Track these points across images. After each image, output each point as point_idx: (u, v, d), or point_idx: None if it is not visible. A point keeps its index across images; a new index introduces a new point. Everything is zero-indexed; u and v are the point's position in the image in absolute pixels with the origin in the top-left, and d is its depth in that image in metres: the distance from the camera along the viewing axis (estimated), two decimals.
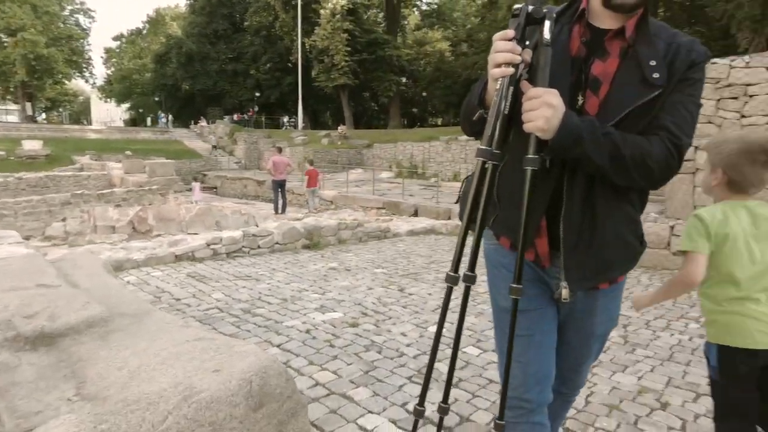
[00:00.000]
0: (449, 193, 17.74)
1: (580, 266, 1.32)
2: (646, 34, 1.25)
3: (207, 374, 1.55)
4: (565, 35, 1.31)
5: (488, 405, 2.55)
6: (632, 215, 1.35)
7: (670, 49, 1.24)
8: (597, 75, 1.26)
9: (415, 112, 44.08)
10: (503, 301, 1.44)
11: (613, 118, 1.21)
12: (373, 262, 6.22)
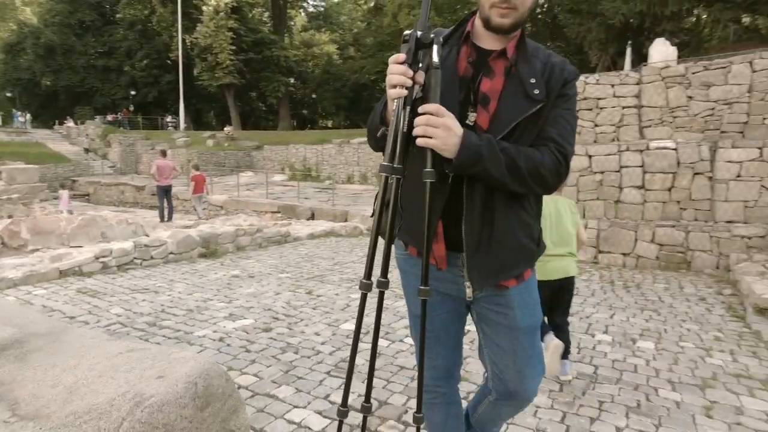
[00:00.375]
0: (344, 195, 18.08)
1: (481, 267, 1.42)
2: (525, 55, 1.38)
3: (152, 381, 1.63)
4: (454, 56, 1.41)
5: (402, 389, 2.85)
6: (527, 220, 1.46)
7: (546, 68, 1.38)
8: (486, 92, 1.38)
9: (305, 114, 43.83)
10: (410, 304, 1.61)
11: (503, 131, 1.33)
12: (276, 268, 6.27)
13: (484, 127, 1.36)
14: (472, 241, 1.40)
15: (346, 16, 41.24)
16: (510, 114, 1.34)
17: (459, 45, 1.41)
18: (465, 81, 1.38)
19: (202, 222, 10.68)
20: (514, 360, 1.54)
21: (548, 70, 1.38)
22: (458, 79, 1.37)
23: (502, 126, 1.33)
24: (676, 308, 4.74)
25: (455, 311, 1.58)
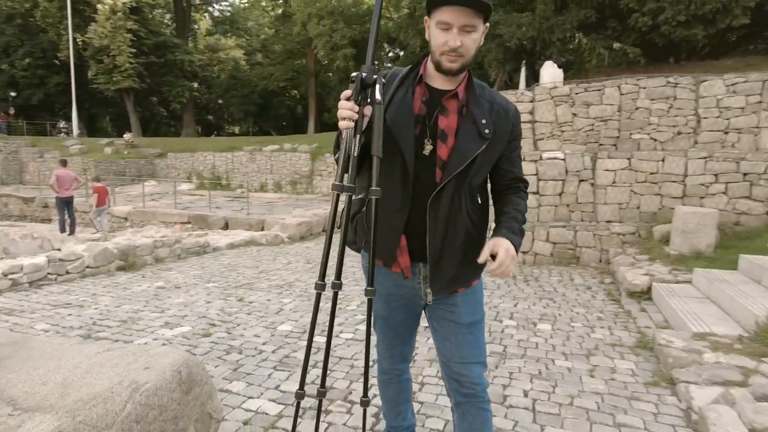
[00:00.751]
0: (258, 204, 17.87)
1: (440, 277, 1.65)
2: (474, 96, 1.60)
3: (141, 372, 1.87)
4: (410, 95, 1.60)
5: (344, 375, 3.20)
6: (479, 240, 1.68)
7: (492, 108, 1.61)
8: (443, 128, 1.58)
9: (210, 120, 42.31)
10: (379, 309, 1.84)
11: (463, 163, 1.55)
12: (201, 278, 6.29)
13: (444, 158, 1.58)
14: (434, 254, 1.61)
15: (253, 22, 40.52)
16: (467, 150, 1.56)
17: (414, 86, 1.61)
18: (420, 118, 1.59)
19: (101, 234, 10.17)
20: (458, 349, 1.75)
21: (495, 111, 1.61)
22: (414, 117, 1.57)
23: (461, 160, 1.55)
24: (568, 296, 5.56)
25: (413, 312, 1.84)
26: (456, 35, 1.46)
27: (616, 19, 9.35)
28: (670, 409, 2.81)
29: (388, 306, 1.82)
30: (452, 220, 1.60)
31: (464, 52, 1.50)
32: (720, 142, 7.50)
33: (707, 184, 7.25)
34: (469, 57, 1.53)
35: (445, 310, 1.75)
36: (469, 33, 1.49)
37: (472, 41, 1.51)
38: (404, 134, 1.54)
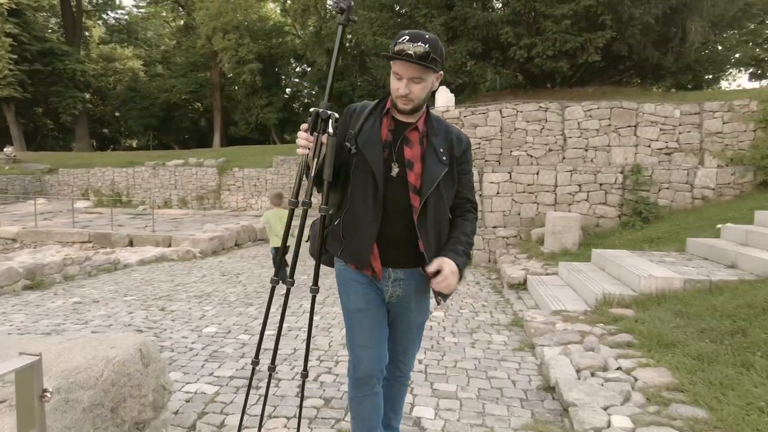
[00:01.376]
0: (163, 220, 17.40)
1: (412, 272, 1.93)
2: (432, 128, 1.85)
3: (109, 350, 2.30)
4: (378, 124, 1.83)
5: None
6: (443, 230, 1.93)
7: (448, 138, 1.87)
8: (409, 158, 1.81)
9: (106, 133, 39.74)
10: (350, 304, 1.97)
11: (432, 184, 1.79)
12: (117, 292, 6.38)
13: (416, 183, 1.82)
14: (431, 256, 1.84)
15: (152, 33, 38.90)
16: (433, 175, 1.81)
17: (381, 116, 1.86)
18: (387, 143, 1.83)
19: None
20: (403, 342, 2.06)
21: (449, 141, 1.87)
22: (382, 142, 1.82)
23: (430, 183, 1.80)
24: (459, 290, 6.47)
25: (382, 312, 1.99)
26: (405, 84, 1.72)
27: (498, 51, 10.73)
28: (529, 365, 3.68)
29: (366, 298, 1.93)
30: (438, 232, 1.87)
31: (413, 98, 1.75)
32: (582, 158, 8.99)
33: (573, 193, 8.66)
34: (419, 101, 1.78)
35: (402, 309, 1.99)
36: (418, 83, 1.73)
37: (420, 89, 1.75)
38: (374, 157, 1.78)
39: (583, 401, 2.77)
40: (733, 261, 5.14)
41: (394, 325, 2.03)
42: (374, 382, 1.97)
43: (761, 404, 2.56)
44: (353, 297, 1.95)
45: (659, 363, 3.26)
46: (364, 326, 1.95)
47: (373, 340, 1.94)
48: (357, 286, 1.94)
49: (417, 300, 1.99)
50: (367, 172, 1.78)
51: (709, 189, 8.39)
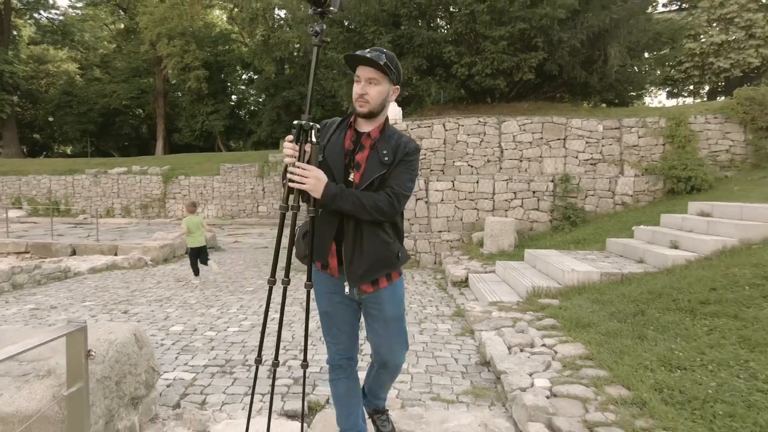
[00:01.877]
0: (107, 230, 16.97)
1: (353, 272, 2.00)
2: (384, 136, 2.02)
3: (108, 334, 2.63)
4: (342, 136, 2.04)
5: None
6: (386, 240, 2.03)
7: (396, 144, 2.01)
8: (358, 160, 2.00)
9: (37, 139, 37.67)
10: (320, 306, 2.16)
11: (365, 183, 1.95)
12: (73, 299, 6.45)
13: (356, 182, 1.98)
14: (347, 255, 2.00)
15: (90, 35, 37.38)
16: (371, 173, 1.97)
17: (346, 129, 2.07)
18: (348, 152, 2.03)
19: None
20: (386, 339, 2.15)
21: (397, 146, 2.01)
22: (344, 151, 2.03)
23: (365, 180, 1.97)
24: (409, 289, 7.02)
25: (349, 307, 2.15)
26: (363, 86, 1.92)
27: (442, 68, 11.47)
28: (469, 347, 4.25)
29: (330, 302, 2.14)
30: (359, 229, 1.99)
31: (369, 99, 1.93)
32: (517, 168, 9.83)
33: (509, 200, 9.46)
34: (375, 103, 1.95)
35: (374, 307, 2.11)
36: (374, 85, 1.92)
37: (376, 92, 1.93)
38: (336, 163, 2.00)
39: (512, 369, 3.35)
40: (641, 257, 5.99)
41: (371, 322, 2.15)
42: (345, 369, 2.19)
43: (647, 363, 3.23)
44: (320, 300, 2.16)
45: (576, 340, 3.91)
46: (330, 326, 2.17)
47: (336, 338, 2.17)
48: (323, 289, 2.13)
49: (386, 296, 2.10)
50: (330, 178, 1.93)
51: (628, 196, 9.44)
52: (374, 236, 2.00)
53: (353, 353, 2.22)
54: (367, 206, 1.91)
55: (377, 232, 2.01)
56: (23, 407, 2.03)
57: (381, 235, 2.02)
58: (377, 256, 2.01)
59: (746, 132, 9.62)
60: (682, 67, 21.79)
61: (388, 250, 2.04)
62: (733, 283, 4.34)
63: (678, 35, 13.38)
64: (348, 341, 2.18)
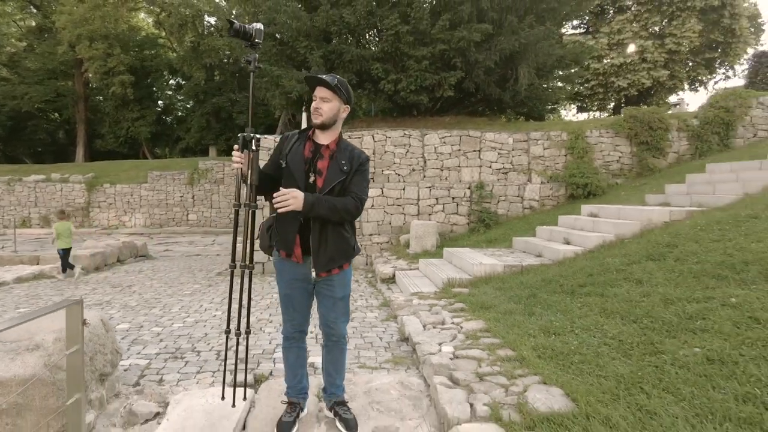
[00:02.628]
0: (24, 240, 16.21)
1: (320, 261, 2.45)
2: (341, 148, 2.45)
3: (82, 318, 3.03)
4: (302, 146, 2.44)
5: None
6: (345, 235, 2.49)
7: (351, 155, 2.44)
8: (320, 168, 2.39)
9: None
10: (281, 288, 2.61)
11: (328, 187, 2.37)
12: (5, 306, 6.49)
13: (320, 186, 2.40)
14: (315, 247, 2.45)
15: None
16: (333, 179, 2.39)
17: (305, 140, 2.48)
18: (308, 160, 2.43)
19: None
20: (333, 313, 2.63)
21: (352, 156, 2.45)
22: (304, 159, 2.43)
23: (328, 185, 2.38)
24: None
25: (305, 289, 2.61)
26: (318, 102, 2.39)
27: (370, 83, 12.25)
28: (392, 329, 4.96)
29: (290, 285, 2.59)
30: (325, 227, 2.44)
31: (322, 112, 2.38)
32: (438, 177, 10.77)
33: (432, 205, 10.37)
34: (327, 117, 2.39)
35: (326, 288, 2.58)
36: (326, 102, 2.38)
37: (328, 108, 2.39)
38: (297, 170, 2.40)
39: (425, 341, 4.08)
40: (540, 252, 7.02)
41: (322, 300, 2.60)
42: (297, 339, 2.70)
43: (531, 332, 4.08)
44: (282, 283, 2.60)
45: (479, 318, 4.73)
46: (288, 305, 2.62)
47: (292, 315, 2.64)
48: (286, 274, 2.57)
49: (337, 281, 2.55)
50: (293, 180, 2.38)
51: (534, 200, 10.65)
52: (336, 232, 2.45)
53: (305, 327, 2.70)
54: (340, 209, 2.35)
55: (339, 229, 2.45)
56: (20, 373, 2.46)
57: (342, 231, 2.47)
58: (338, 248, 2.47)
59: (632, 145, 11.17)
60: (589, 85, 24.15)
61: (347, 243, 2.51)
62: (605, 269, 5.37)
63: (581, 57, 15.07)
64: (301, 317, 2.65)
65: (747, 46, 25.80)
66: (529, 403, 2.76)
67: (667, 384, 2.80)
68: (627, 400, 2.71)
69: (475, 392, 2.98)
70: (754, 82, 14.16)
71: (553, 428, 2.53)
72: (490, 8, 11.46)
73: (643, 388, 2.82)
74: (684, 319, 3.66)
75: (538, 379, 3.11)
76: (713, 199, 6.96)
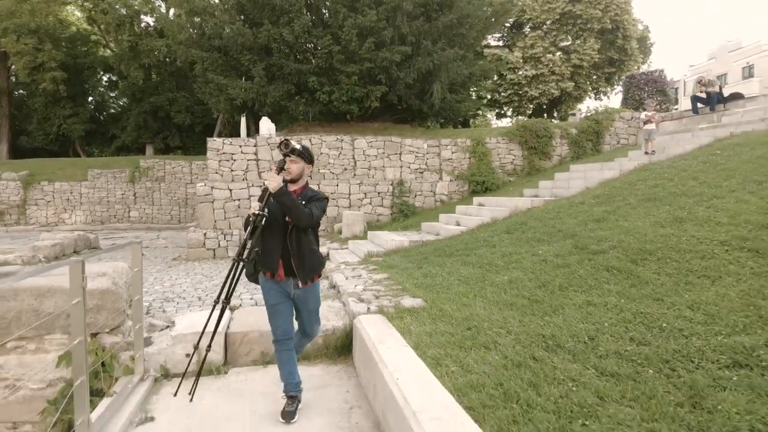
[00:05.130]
0: None
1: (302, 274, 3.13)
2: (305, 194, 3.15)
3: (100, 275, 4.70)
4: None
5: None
6: (314, 249, 3.20)
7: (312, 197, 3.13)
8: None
9: None
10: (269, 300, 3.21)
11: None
12: None
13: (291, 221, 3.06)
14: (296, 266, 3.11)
15: None
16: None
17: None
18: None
19: None
20: (309, 321, 3.38)
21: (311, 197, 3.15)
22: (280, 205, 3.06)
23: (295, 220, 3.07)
24: None
25: (288, 302, 3.24)
26: (288, 164, 3.08)
27: (307, 93, 14.04)
28: (324, 284, 6.87)
29: (277, 300, 3.19)
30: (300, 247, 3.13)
31: (291, 171, 3.10)
32: (366, 175, 12.78)
33: (361, 199, 12.36)
34: (295, 174, 3.11)
35: (301, 302, 3.25)
36: (295, 163, 3.10)
37: (296, 168, 3.11)
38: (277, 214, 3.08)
39: (345, 285, 6.03)
40: (438, 231, 9.20)
41: (301, 312, 3.29)
42: (285, 343, 3.25)
43: (416, 276, 6.14)
44: (270, 297, 3.20)
45: (385, 272, 6.74)
46: (277, 314, 3.20)
47: (281, 321, 3.22)
48: (272, 291, 3.19)
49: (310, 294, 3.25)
50: (273, 222, 3.06)
51: (444, 195, 12.93)
52: (308, 249, 3.14)
53: (291, 333, 3.30)
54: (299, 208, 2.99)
55: (309, 245, 3.15)
56: (98, 287, 4.12)
57: (312, 246, 3.18)
58: (312, 263, 3.18)
59: (523, 149, 13.74)
60: (506, 94, 27.16)
61: (317, 257, 3.24)
62: (476, 240, 7.59)
63: (489, 74, 17.65)
64: (287, 324, 3.26)
65: (636, 63, 30.01)
66: (401, 304, 4.79)
67: (482, 294, 4.93)
68: (456, 301, 4.80)
69: (372, 303, 4.97)
70: (626, 99, 17.34)
71: (411, 313, 4.55)
72: (409, 33, 13.62)
73: (468, 297, 4.93)
74: (508, 263, 5.88)
75: (410, 296, 5.17)
76: (566, 191, 9.43)
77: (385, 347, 3.53)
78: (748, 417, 2.34)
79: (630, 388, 2.70)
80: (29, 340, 4.03)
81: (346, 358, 4.44)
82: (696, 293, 3.81)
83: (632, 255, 4.91)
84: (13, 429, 4.02)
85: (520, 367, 3.09)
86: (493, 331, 3.78)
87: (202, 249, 11.47)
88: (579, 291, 4.45)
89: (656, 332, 3.33)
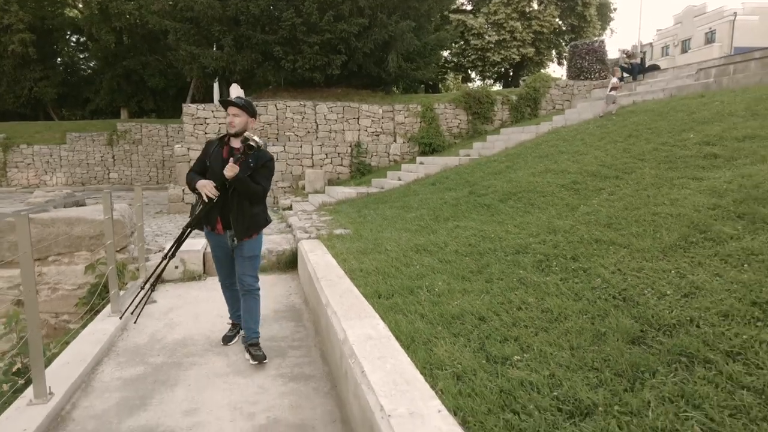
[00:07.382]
0: None
1: (237, 231, 3.33)
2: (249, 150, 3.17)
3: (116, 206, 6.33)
4: (220, 149, 3.33)
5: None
6: (257, 211, 3.38)
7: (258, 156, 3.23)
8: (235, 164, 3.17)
9: None
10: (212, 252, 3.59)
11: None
12: None
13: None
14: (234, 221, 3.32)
15: None
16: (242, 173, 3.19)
17: (222, 146, 3.38)
18: (225, 159, 3.26)
19: None
20: (242, 268, 3.48)
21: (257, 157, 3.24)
22: (222, 159, 3.30)
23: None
24: None
25: (227, 253, 3.55)
26: (230, 117, 3.28)
27: (273, 61, 15.32)
28: (283, 225, 8.60)
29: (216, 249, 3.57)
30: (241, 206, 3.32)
31: (235, 124, 3.28)
32: (328, 137, 14.32)
33: (323, 159, 13.97)
34: (239, 127, 3.27)
35: (239, 250, 3.45)
36: (237, 116, 3.26)
37: (239, 121, 3.27)
38: (217, 167, 3.24)
39: (297, 223, 7.77)
40: (382, 186, 10.96)
41: (237, 259, 3.49)
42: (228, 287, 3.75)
43: (355, 218, 7.90)
44: (212, 249, 3.60)
45: (331, 215, 8.49)
46: (217, 263, 3.67)
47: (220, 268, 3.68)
48: (213, 243, 3.55)
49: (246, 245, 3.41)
50: (215, 174, 3.20)
51: (397, 155, 14.62)
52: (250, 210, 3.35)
53: (233, 278, 3.64)
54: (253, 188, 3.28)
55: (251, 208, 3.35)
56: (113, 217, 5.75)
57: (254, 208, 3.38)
58: (252, 221, 3.39)
59: (468, 115, 15.42)
60: (470, 59, 28.53)
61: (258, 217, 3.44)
62: (409, 191, 9.38)
63: (445, 42, 19.04)
64: (228, 270, 3.65)
65: (596, 30, 31.55)
66: (333, 232, 6.56)
67: (393, 226, 6.73)
68: (374, 230, 6.59)
69: (313, 233, 6.73)
70: (570, 67, 19.03)
71: (339, 238, 6.32)
72: (366, 6, 14.93)
73: (382, 227, 6.72)
74: (420, 205, 7.70)
75: (342, 228, 6.95)
76: (490, 151, 11.22)
77: (313, 254, 5.31)
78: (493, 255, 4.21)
79: (450, 267, 4.55)
80: (63, 255, 5.68)
81: (293, 270, 6.21)
82: (524, 218, 5.67)
83: (501, 196, 6.75)
84: (55, 317, 5.72)
85: (393, 260, 4.91)
86: (388, 245, 5.58)
87: (181, 203, 13.00)
88: (455, 220, 6.29)
89: (485, 239, 5.17)
